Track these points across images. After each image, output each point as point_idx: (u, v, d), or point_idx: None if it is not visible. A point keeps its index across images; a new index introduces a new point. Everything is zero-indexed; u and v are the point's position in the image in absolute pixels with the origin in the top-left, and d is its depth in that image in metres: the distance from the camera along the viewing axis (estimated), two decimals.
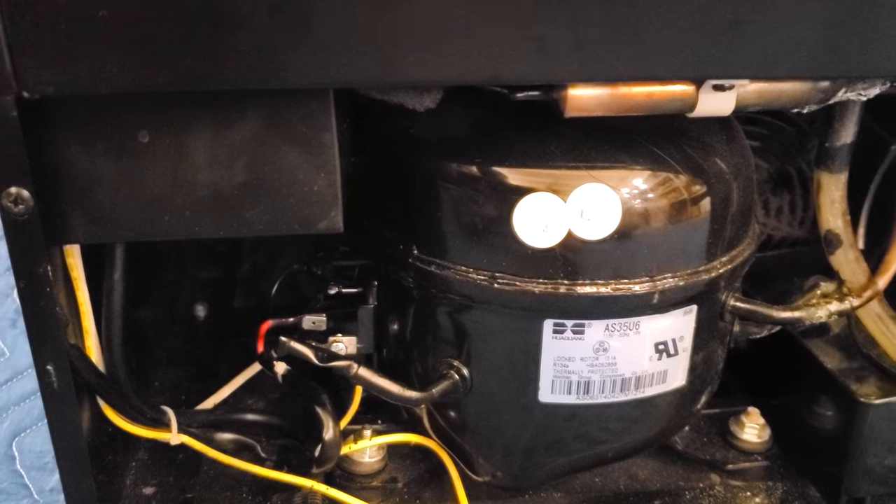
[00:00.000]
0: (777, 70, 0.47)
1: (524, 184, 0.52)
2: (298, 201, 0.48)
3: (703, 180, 0.54)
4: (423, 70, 0.44)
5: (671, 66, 0.46)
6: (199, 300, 0.86)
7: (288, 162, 0.47)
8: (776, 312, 0.60)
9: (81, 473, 0.53)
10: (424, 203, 0.55)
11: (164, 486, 0.65)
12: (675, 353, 0.57)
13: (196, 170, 0.47)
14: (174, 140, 0.46)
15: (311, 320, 0.63)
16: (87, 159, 0.46)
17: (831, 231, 0.60)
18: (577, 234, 0.52)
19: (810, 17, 0.45)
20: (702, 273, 0.56)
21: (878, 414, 0.60)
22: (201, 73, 0.42)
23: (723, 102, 0.49)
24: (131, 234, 0.48)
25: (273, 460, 0.66)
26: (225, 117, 0.46)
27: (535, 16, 0.43)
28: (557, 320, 0.55)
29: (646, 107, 0.49)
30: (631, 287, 0.54)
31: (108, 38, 0.41)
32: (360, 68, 0.43)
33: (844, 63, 0.47)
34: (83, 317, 0.55)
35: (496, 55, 0.44)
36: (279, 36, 0.42)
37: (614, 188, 0.52)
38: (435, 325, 0.59)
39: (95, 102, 0.45)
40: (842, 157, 0.58)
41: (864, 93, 0.51)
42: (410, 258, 0.57)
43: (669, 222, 0.53)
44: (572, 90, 0.48)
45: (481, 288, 0.54)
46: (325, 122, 0.46)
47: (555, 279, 0.53)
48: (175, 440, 0.62)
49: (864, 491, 0.63)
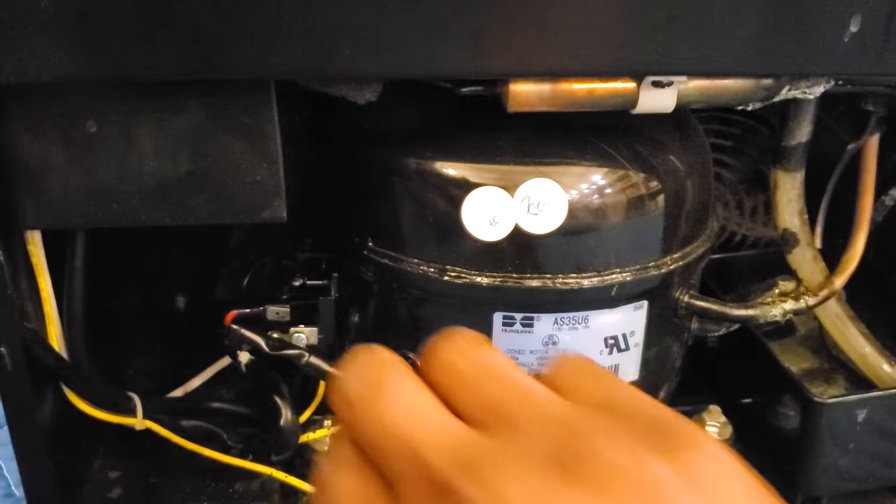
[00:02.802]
0: (715, 67, 0.47)
1: (473, 178, 0.53)
2: (242, 191, 0.49)
3: (653, 177, 0.55)
4: (360, 63, 0.45)
5: (608, 62, 0.46)
6: (180, 291, 0.87)
7: (231, 152, 0.48)
8: (730, 310, 0.60)
9: (37, 456, 0.54)
10: (378, 196, 0.56)
11: (130, 472, 0.66)
12: (627, 348, 0.58)
13: (142, 159, 0.48)
14: (120, 130, 0.47)
15: (275, 311, 0.64)
16: (37, 147, 0.47)
17: (788, 230, 0.61)
18: (525, 228, 0.53)
19: (746, 14, 0.46)
20: (652, 269, 0.56)
21: (832, 413, 0.60)
22: (141, 64, 0.43)
23: (664, 99, 0.50)
24: (81, 221, 0.49)
25: (239, 448, 0.67)
26: (169, 108, 0.47)
27: (469, 10, 0.44)
28: (507, 313, 0.55)
29: (587, 103, 0.50)
30: (579, 281, 0.54)
31: (51, 28, 0.42)
32: (297, 60, 0.44)
33: (782, 60, 0.47)
34: (45, 303, 0.56)
35: (432, 49, 0.45)
36: (216, 27, 0.43)
37: (561, 183, 0.52)
38: (392, 317, 0.59)
39: (44, 91, 0.46)
40: (797, 156, 0.58)
41: (809, 91, 0.52)
42: (366, 251, 0.58)
43: (617, 218, 0.54)
44: (514, 85, 0.49)
45: (432, 280, 0.55)
46: (267, 113, 0.47)
47: (503, 272, 0.54)
48: (140, 426, 0.63)
49: (821, 490, 0.63)
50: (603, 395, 0.27)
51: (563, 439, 0.25)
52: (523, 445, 0.25)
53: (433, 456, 0.25)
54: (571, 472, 0.24)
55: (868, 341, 0.66)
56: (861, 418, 0.60)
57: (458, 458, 0.25)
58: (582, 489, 0.23)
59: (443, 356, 0.28)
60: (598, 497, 0.23)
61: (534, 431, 0.25)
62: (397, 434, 0.25)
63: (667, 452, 0.24)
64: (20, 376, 0.52)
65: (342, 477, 0.26)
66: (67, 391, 0.59)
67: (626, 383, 0.28)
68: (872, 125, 0.59)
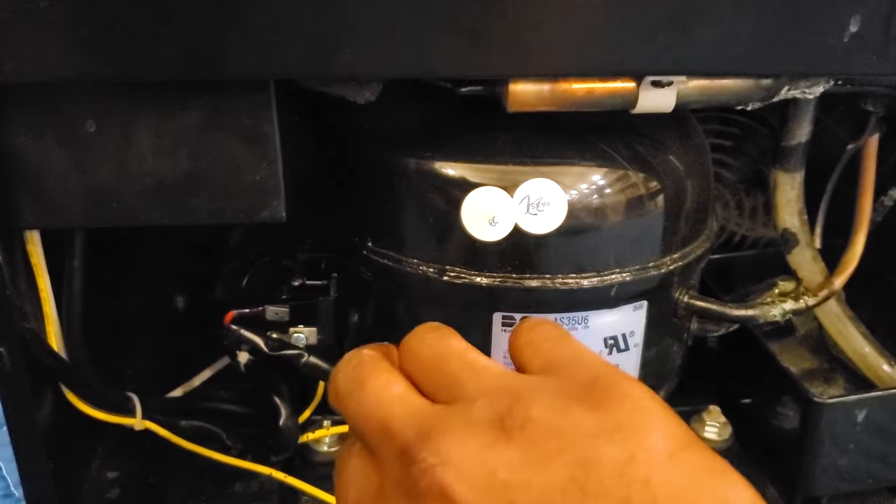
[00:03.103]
0: (714, 66, 0.47)
1: (472, 178, 0.53)
2: (241, 191, 0.49)
3: (653, 177, 0.55)
4: (360, 63, 0.45)
5: (608, 62, 0.46)
6: (179, 291, 0.87)
7: (230, 152, 0.48)
8: (730, 310, 0.60)
9: (36, 456, 0.54)
10: (377, 196, 0.56)
11: (129, 472, 0.66)
12: (626, 349, 0.58)
13: (141, 159, 0.48)
14: (120, 130, 0.47)
15: (275, 311, 0.64)
16: (36, 147, 0.47)
17: (788, 230, 0.61)
18: (524, 229, 0.53)
19: (746, 14, 0.45)
20: (651, 269, 0.56)
21: (832, 413, 0.60)
22: (141, 64, 0.43)
23: (663, 99, 0.50)
24: (80, 221, 0.49)
25: (238, 448, 0.67)
26: (168, 108, 0.47)
27: (469, 10, 0.44)
28: (506, 313, 0.55)
29: (587, 103, 0.50)
30: (579, 282, 0.54)
31: (51, 28, 0.42)
32: (297, 60, 0.44)
33: (782, 60, 0.47)
34: (44, 303, 0.56)
35: (431, 49, 0.45)
36: (216, 27, 0.43)
37: (560, 183, 0.52)
38: (392, 317, 0.59)
39: (44, 91, 0.46)
40: (797, 156, 0.58)
41: (808, 91, 0.52)
42: (366, 251, 0.58)
43: (617, 218, 0.54)
44: (514, 85, 0.49)
45: (432, 281, 0.55)
46: (266, 113, 0.47)
47: (503, 273, 0.54)
48: (139, 426, 0.63)
49: (820, 490, 0.63)
50: (549, 357, 0.32)
51: (505, 406, 0.28)
52: (470, 413, 0.29)
53: (397, 425, 0.30)
54: (508, 433, 0.28)
55: (868, 341, 0.66)
56: (861, 418, 0.60)
57: (417, 426, 0.29)
58: (515, 446, 0.27)
59: (409, 346, 0.34)
60: (527, 451, 0.27)
61: (478, 401, 0.29)
62: (372, 415, 0.31)
63: (593, 406, 0.28)
64: (19, 376, 0.52)
65: (349, 459, 0.32)
66: (66, 391, 0.59)
67: (575, 342, 0.32)
68: (872, 125, 0.59)
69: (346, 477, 0.32)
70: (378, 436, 0.30)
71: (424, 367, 0.32)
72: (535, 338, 0.33)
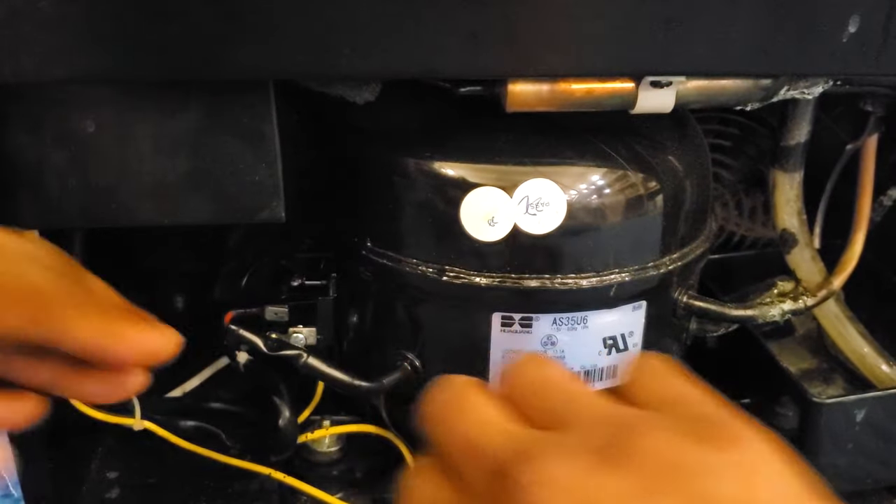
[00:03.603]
0: (713, 67, 0.47)
1: (471, 178, 0.53)
2: (240, 191, 0.49)
3: (652, 177, 0.55)
4: (359, 63, 0.45)
5: (607, 62, 0.46)
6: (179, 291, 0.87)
7: (229, 153, 0.48)
8: (729, 310, 0.60)
9: (35, 456, 0.54)
10: (376, 196, 0.56)
11: (128, 472, 0.66)
12: (625, 349, 0.58)
13: (141, 159, 0.48)
14: (119, 130, 0.47)
15: (274, 311, 0.64)
16: (36, 147, 0.47)
17: (787, 230, 0.61)
18: (523, 229, 0.53)
19: (745, 14, 0.46)
20: (650, 269, 0.56)
21: (831, 413, 0.60)
22: (140, 64, 0.43)
23: (663, 99, 0.50)
24: (80, 221, 0.49)
25: (238, 448, 0.67)
26: (168, 108, 0.47)
27: (469, 10, 0.44)
28: (505, 313, 0.55)
29: (586, 103, 0.50)
30: (578, 282, 0.54)
31: (51, 28, 0.42)
32: (296, 60, 0.44)
33: (781, 60, 0.47)
34: None
35: (430, 49, 0.45)
36: (215, 27, 0.43)
37: (560, 183, 0.52)
38: (390, 317, 0.59)
39: (44, 91, 0.46)
40: (796, 156, 0.59)
41: (807, 91, 0.52)
42: (365, 251, 0.58)
43: (616, 218, 0.54)
44: (513, 85, 0.49)
45: (431, 281, 0.55)
46: (266, 113, 0.47)
47: (502, 273, 0.54)
48: (138, 426, 0.63)
49: None
50: (661, 394, 0.30)
51: (610, 435, 0.27)
52: (573, 440, 0.27)
53: (494, 445, 0.28)
54: (613, 460, 0.26)
55: (866, 341, 0.66)
56: (859, 418, 0.60)
57: (516, 447, 0.28)
58: (623, 475, 0.25)
59: (512, 373, 0.32)
60: (637, 481, 0.25)
61: (584, 429, 0.28)
62: (467, 439, 0.29)
63: (707, 442, 0.26)
64: None
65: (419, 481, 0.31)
66: None
67: (691, 382, 0.31)
68: (871, 125, 0.59)
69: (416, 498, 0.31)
70: (470, 456, 0.29)
71: (528, 395, 0.31)
72: (646, 375, 0.32)
